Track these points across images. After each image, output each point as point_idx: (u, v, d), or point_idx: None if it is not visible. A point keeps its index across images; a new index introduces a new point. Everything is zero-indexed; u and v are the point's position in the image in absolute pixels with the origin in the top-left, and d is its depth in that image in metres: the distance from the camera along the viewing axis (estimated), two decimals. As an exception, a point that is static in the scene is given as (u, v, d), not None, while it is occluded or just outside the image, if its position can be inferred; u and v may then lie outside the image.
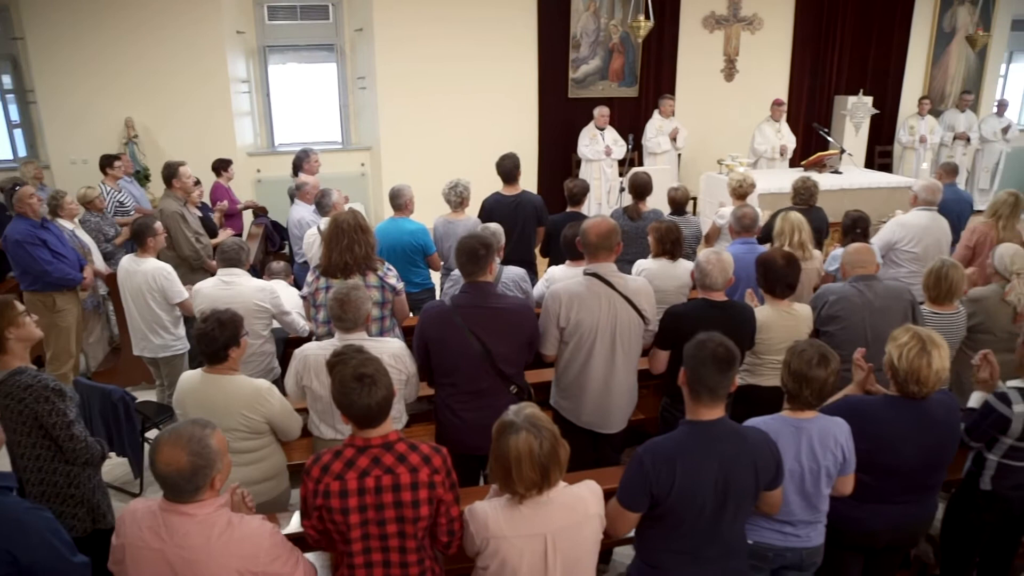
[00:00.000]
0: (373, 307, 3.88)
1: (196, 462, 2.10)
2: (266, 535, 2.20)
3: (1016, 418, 3.01)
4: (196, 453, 2.10)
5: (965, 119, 11.39)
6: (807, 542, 2.82)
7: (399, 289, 4.04)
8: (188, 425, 2.17)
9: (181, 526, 2.13)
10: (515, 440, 2.17)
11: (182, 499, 2.14)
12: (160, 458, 2.11)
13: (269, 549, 2.19)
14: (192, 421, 2.19)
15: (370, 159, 9.74)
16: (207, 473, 2.13)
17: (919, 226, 5.52)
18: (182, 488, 2.12)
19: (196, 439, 2.12)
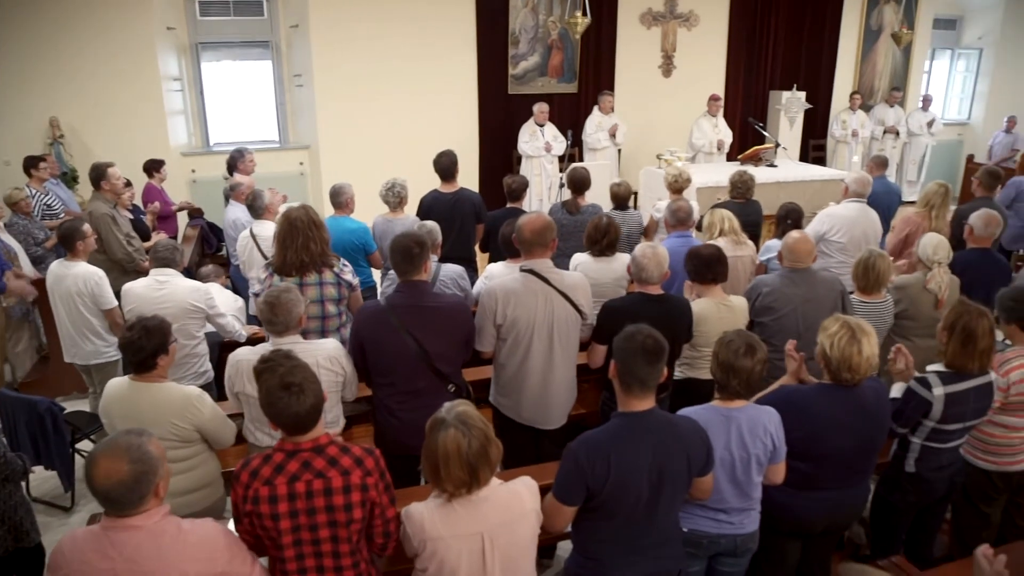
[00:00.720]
0: (329, 304, 3.86)
1: (138, 469, 2.01)
2: (220, 536, 2.15)
3: (937, 401, 3.11)
4: (137, 460, 2.01)
5: (894, 113, 11.77)
6: (741, 529, 2.87)
7: (355, 285, 3.99)
8: (123, 435, 2.08)
9: (130, 540, 2.04)
10: (444, 438, 2.16)
11: (126, 512, 2.04)
12: (98, 472, 2.01)
13: (225, 549, 2.13)
14: (126, 431, 2.10)
15: (309, 158, 9.59)
16: (150, 480, 2.04)
17: (848, 218, 5.67)
18: (126, 500, 2.03)
19: (135, 447, 2.03)
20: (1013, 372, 3.30)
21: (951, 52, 13.65)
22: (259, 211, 5.30)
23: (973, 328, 3.09)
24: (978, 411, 3.21)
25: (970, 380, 3.14)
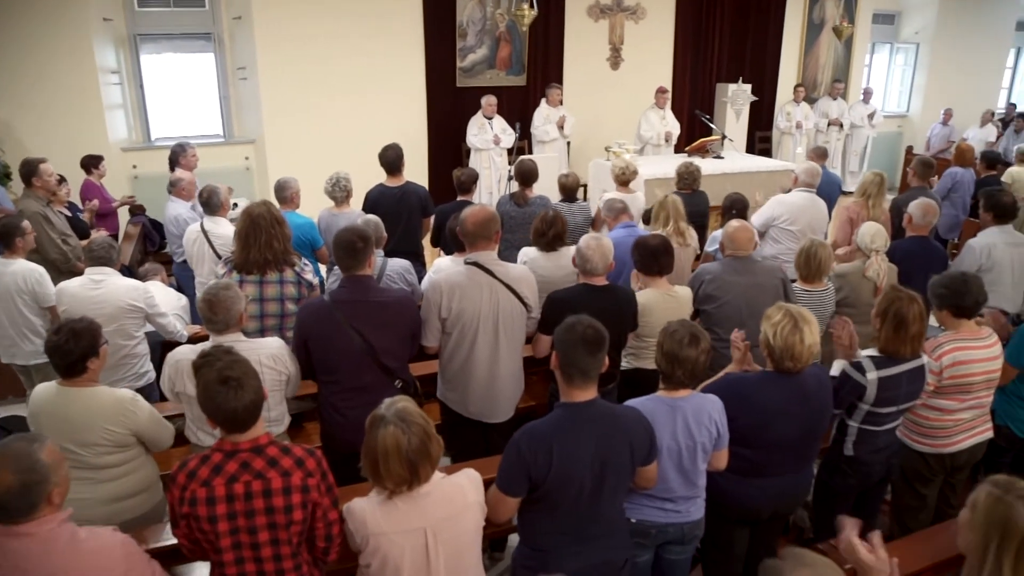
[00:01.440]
0: (289, 303, 3.81)
1: (25, 479, 1.96)
2: (118, 546, 2.10)
3: (870, 385, 3.17)
4: (24, 470, 1.96)
5: (837, 106, 12.05)
6: (687, 517, 2.90)
7: (315, 285, 3.94)
8: (13, 442, 2.02)
9: (19, 547, 1.99)
10: (383, 434, 2.14)
11: (16, 520, 1.99)
12: None
13: (123, 559, 2.08)
14: (18, 437, 2.04)
15: (254, 152, 9.41)
16: (42, 489, 1.99)
17: (797, 205, 5.80)
18: (14, 508, 1.98)
19: (23, 456, 1.98)
20: (945, 356, 3.39)
21: (890, 46, 14.02)
22: (214, 207, 5.18)
23: (905, 314, 3.15)
24: (910, 394, 3.28)
25: (902, 364, 3.20)
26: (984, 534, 1.81)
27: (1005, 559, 1.76)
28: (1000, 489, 1.83)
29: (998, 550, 1.78)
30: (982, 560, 1.80)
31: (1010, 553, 1.76)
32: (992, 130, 12.39)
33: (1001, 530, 1.78)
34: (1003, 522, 1.78)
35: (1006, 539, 1.77)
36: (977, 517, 1.84)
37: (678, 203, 4.81)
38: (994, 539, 1.79)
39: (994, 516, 1.80)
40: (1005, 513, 1.79)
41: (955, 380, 3.40)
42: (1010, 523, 1.77)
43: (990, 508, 1.82)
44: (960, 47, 13.56)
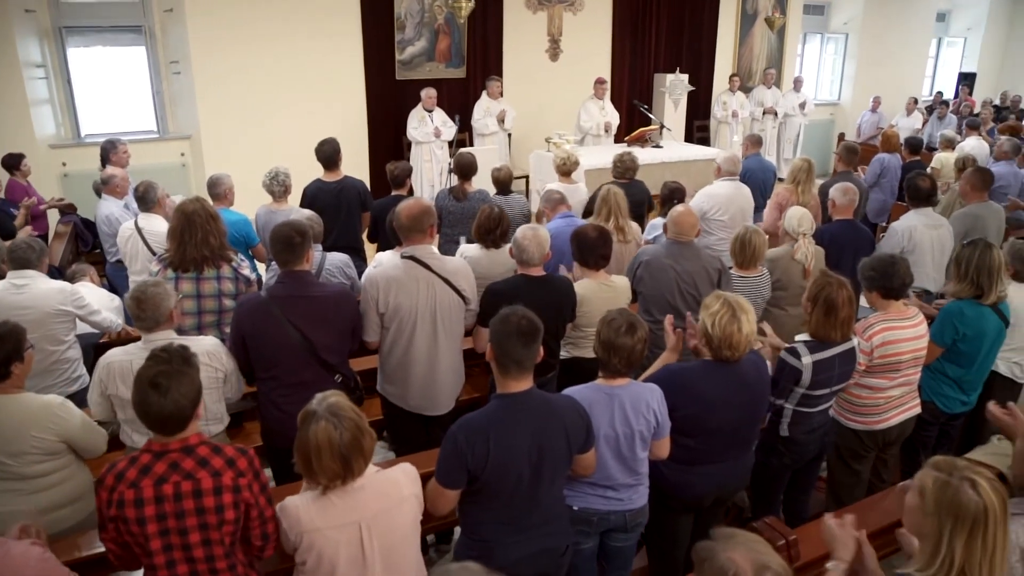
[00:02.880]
0: (227, 299, 3.76)
1: None
2: (32, 561, 2.04)
3: (806, 369, 3.24)
4: None
5: (771, 95, 12.33)
6: (630, 504, 2.92)
7: (252, 280, 3.91)
8: None
9: None
10: (314, 430, 2.13)
11: None
12: None
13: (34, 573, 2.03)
14: None
15: (190, 148, 9.18)
16: None
17: (724, 195, 5.92)
18: None
19: None
20: (875, 336, 3.48)
21: (821, 36, 14.40)
22: (150, 204, 5.04)
23: (834, 299, 3.23)
24: (843, 376, 3.38)
25: (834, 348, 3.29)
26: (937, 520, 1.84)
27: (957, 541, 1.81)
28: (944, 472, 1.86)
29: (952, 534, 1.82)
30: (937, 545, 1.84)
31: (962, 536, 1.81)
32: (918, 117, 12.84)
33: (953, 515, 1.82)
34: (954, 506, 1.82)
35: (959, 522, 1.82)
36: (928, 503, 1.87)
37: (620, 197, 4.83)
38: (947, 524, 1.83)
39: (944, 501, 1.84)
40: (954, 497, 1.82)
41: (885, 359, 3.50)
42: (961, 507, 1.81)
43: (939, 493, 1.85)
44: (886, 37, 14.02)
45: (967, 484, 1.83)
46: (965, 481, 1.83)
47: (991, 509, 1.80)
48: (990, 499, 1.81)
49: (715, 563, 1.63)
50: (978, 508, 1.81)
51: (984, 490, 1.82)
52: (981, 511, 1.81)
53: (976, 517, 1.81)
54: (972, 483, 1.83)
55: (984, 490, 1.82)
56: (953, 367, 3.87)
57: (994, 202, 5.87)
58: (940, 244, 5.14)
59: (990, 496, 1.81)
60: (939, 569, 1.83)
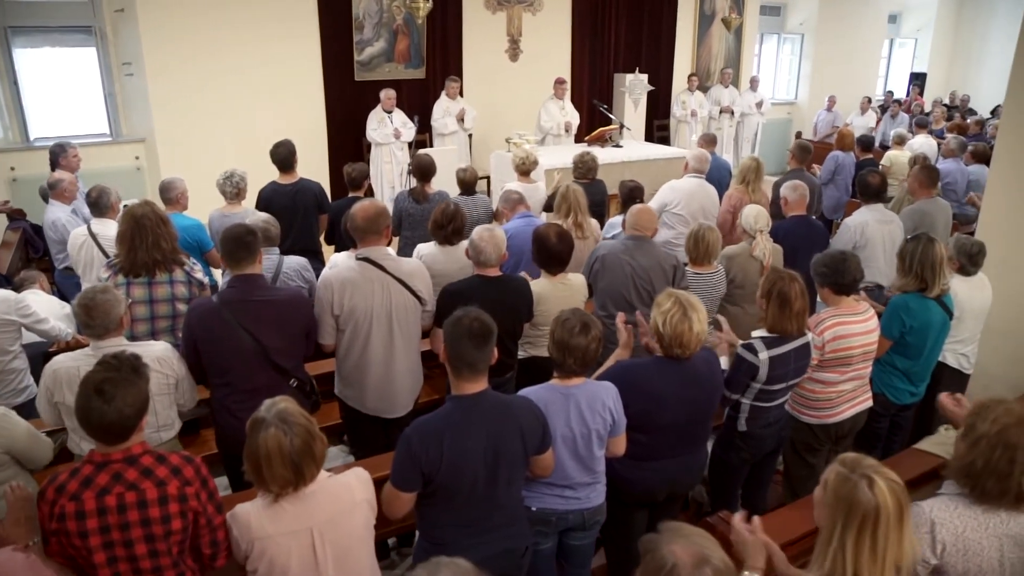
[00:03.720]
0: (180, 304, 3.71)
1: None
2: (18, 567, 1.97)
3: (763, 365, 3.28)
4: None
5: (729, 94, 12.48)
6: (588, 503, 2.93)
7: (206, 284, 3.87)
8: None
9: None
10: (264, 437, 2.10)
11: None
12: None
13: None
14: None
15: (145, 151, 9.00)
16: None
17: (687, 191, 5.98)
18: None
19: None
20: (827, 331, 3.54)
21: (778, 36, 14.62)
22: (104, 208, 4.93)
23: (787, 292, 3.27)
24: (798, 370, 3.43)
25: (790, 343, 3.33)
26: (832, 511, 1.88)
27: (848, 538, 1.83)
28: (847, 468, 1.89)
29: (843, 529, 1.85)
30: (830, 536, 1.87)
31: (852, 530, 1.83)
32: (872, 116, 13.09)
33: (846, 508, 1.85)
34: (848, 500, 1.85)
35: (850, 517, 1.84)
36: (827, 495, 1.90)
37: (579, 194, 4.85)
38: (840, 516, 1.86)
39: (840, 494, 1.87)
40: (850, 492, 1.85)
41: (836, 353, 3.56)
42: (854, 502, 1.84)
43: (837, 486, 1.89)
44: (840, 38, 14.29)
45: (864, 482, 1.85)
46: (864, 479, 1.85)
47: (883, 509, 1.82)
48: (884, 499, 1.83)
49: (657, 556, 1.64)
50: (869, 506, 1.83)
51: (880, 490, 1.83)
52: (872, 509, 1.83)
53: (866, 514, 1.83)
54: (870, 481, 1.85)
55: (880, 490, 1.83)
56: (901, 359, 3.95)
57: (941, 198, 6.02)
58: (891, 239, 5.25)
59: (884, 496, 1.83)
60: (832, 565, 1.85)
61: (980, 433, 2.18)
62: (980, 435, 2.18)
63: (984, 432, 2.17)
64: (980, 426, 2.19)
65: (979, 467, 2.17)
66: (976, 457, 2.17)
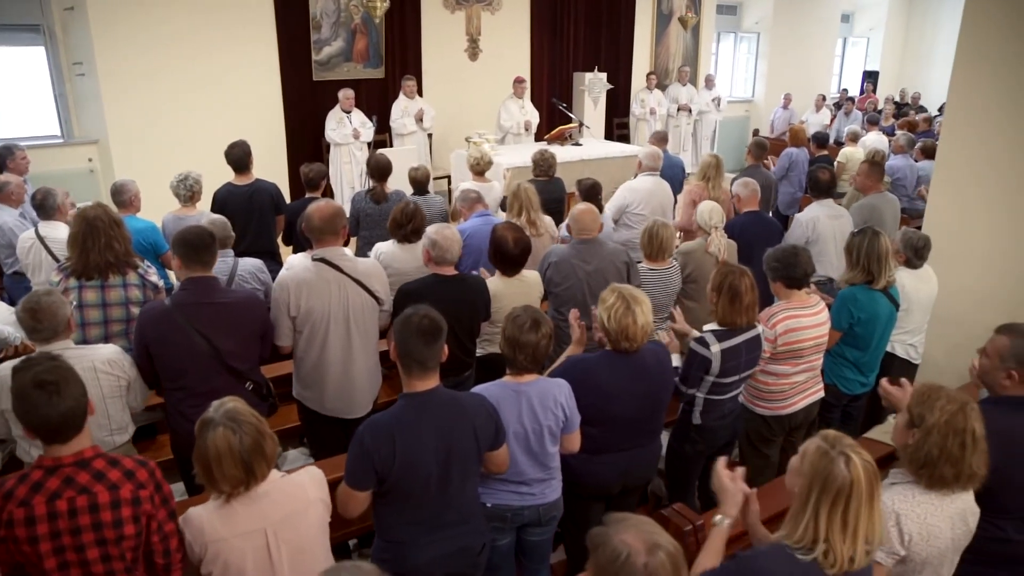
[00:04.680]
0: (134, 307, 3.65)
1: None
2: None
3: (715, 357, 3.34)
4: None
5: (686, 92, 12.62)
6: (543, 499, 2.95)
7: (160, 287, 3.82)
8: None
9: None
10: (213, 437, 2.09)
11: None
12: None
13: None
14: None
15: (98, 153, 8.83)
16: None
17: (645, 190, 6.04)
18: None
19: None
20: (779, 325, 3.61)
21: (734, 35, 14.82)
22: (50, 211, 4.83)
23: (737, 286, 3.34)
24: (750, 362, 3.49)
25: (741, 335, 3.39)
26: (808, 482, 1.95)
27: (822, 509, 1.91)
28: (827, 444, 1.97)
29: (817, 500, 1.92)
30: (804, 505, 1.95)
31: (826, 504, 1.91)
32: (827, 113, 13.36)
33: (822, 482, 1.92)
34: (824, 474, 1.92)
35: (825, 491, 1.92)
36: (804, 466, 1.98)
37: (531, 192, 4.89)
38: (815, 489, 1.93)
39: (817, 467, 1.94)
40: (827, 467, 1.92)
41: (788, 346, 3.63)
42: (830, 476, 1.91)
43: (815, 460, 1.96)
44: (795, 37, 14.55)
45: (842, 458, 1.93)
46: (841, 455, 1.93)
47: (856, 486, 1.90)
48: (858, 476, 1.90)
49: (608, 547, 1.67)
50: (844, 481, 1.91)
51: (855, 467, 1.91)
52: (847, 485, 1.90)
53: (840, 489, 1.90)
54: (847, 459, 1.93)
55: (855, 467, 1.91)
56: (851, 350, 4.05)
57: (890, 193, 6.17)
58: (842, 233, 5.34)
59: (859, 474, 1.91)
60: (803, 533, 1.94)
61: (931, 424, 2.26)
62: (931, 426, 2.26)
63: (935, 422, 2.26)
64: (930, 417, 2.27)
65: (935, 455, 2.25)
66: (931, 447, 2.26)
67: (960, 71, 4.58)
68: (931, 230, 4.67)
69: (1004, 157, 4.43)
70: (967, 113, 4.59)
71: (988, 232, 4.57)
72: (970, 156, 4.59)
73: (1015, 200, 4.42)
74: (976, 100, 4.51)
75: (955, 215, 4.72)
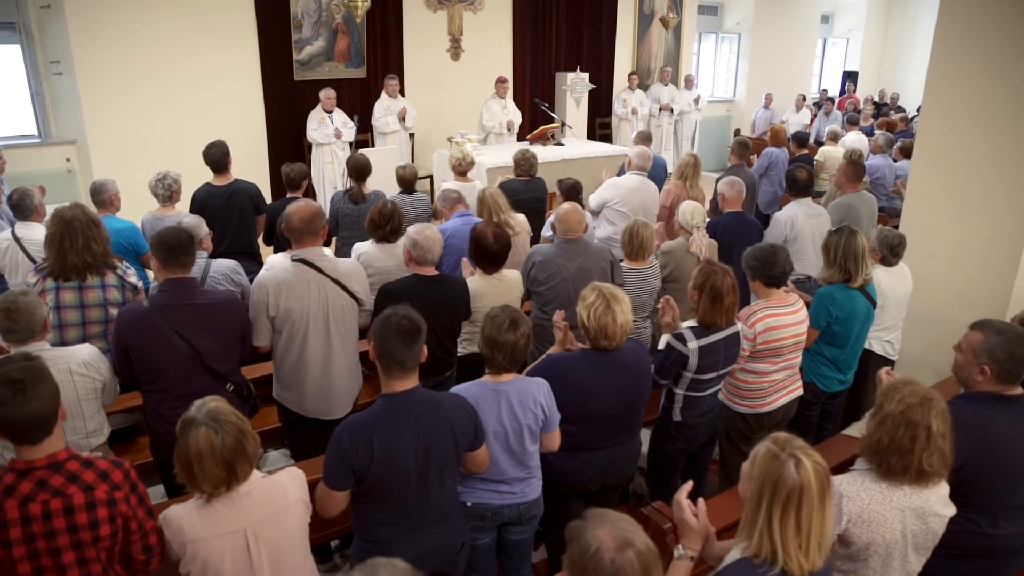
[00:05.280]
0: (112, 308, 3.62)
1: None
2: None
3: (692, 354, 3.36)
4: None
5: (668, 92, 12.67)
6: (523, 498, 2.96)
7: (140, 288, 3.78)
8: None
9: None
10: (195, 436, 2.09)
11: None
12: None
13: None
14: None
15: (77, 153, 8.74)
16: None
17: (629, 188, 6.06)
18: None
19: None
20: (758, 323, 3.64)
21: (716, 35, 14.91)
22: (27, 212, 4.78)
23: (719, 287, 3.35)
24: (728, 359, 3.51)
25: (719, 333, 3.41)
26: (759, 486, 1.91)
27: (774, 512, 1.87)
28: (777, 446, 1.93)
29: (769, 504, 1.88)
30: (756, 510, 1.91)
31: (778, 508, 1.87)
32: (807, 113, 13.47)
33: (772, 485, 1.88)
34: (774, 477, 1.88)
35: (776, 494, 1.87)
36: (754, 470, 1.94)
37: (497, 196, 4.89)
38: (766, 493, 1.89)
39: (767, 471, 1.90)
40: (778, 469, 1.88)
41: (768, 344, 3.66)
42: (780, 479, 1.87)
43: (765, 463, 1.91)
44: (776, 37, 14.67)
45: (792, 460, 1.88)
46: (792, 458, 1.88)
47: (806, 488, 1.85)
48: (808, 479, 1.86)
49: (582, 541, 1.68)
50: (794, 484, 1.86)
51: (805, 469, 1.86)
52: (796, 487, 1.85)
53: (791, 492, 1.86)
54: (797, 461, 1.88)
55: (805, 469, 1.86)
56: (829, 348, 4.09)
57: (868, 192, 6.24)
58: (820, 232, 5.39)
59: (809, 477, 1.86)
60: (759, 542, 1.89)
61: (886, 413, 2.28)
62: (886, 415, 2.28)
63: (890, 412, 2.27)
64: (887, 406, 2.29)
65: (884, 444, 2.27)
66: (882, 435, 2.27)
67: (935, 71, 4.64)
68: (907, 228, 4.73)
69: (978, 156, 4.49)
70: (942, 113, 4.65)
71: (963, 230, 4.63)
72: (945, 155, 4.66)
73: (989, 199, 4.48)
74: (951, 100, 4.57)
75: (930, 213, 4.78)
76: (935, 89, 4.66)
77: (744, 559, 1.93)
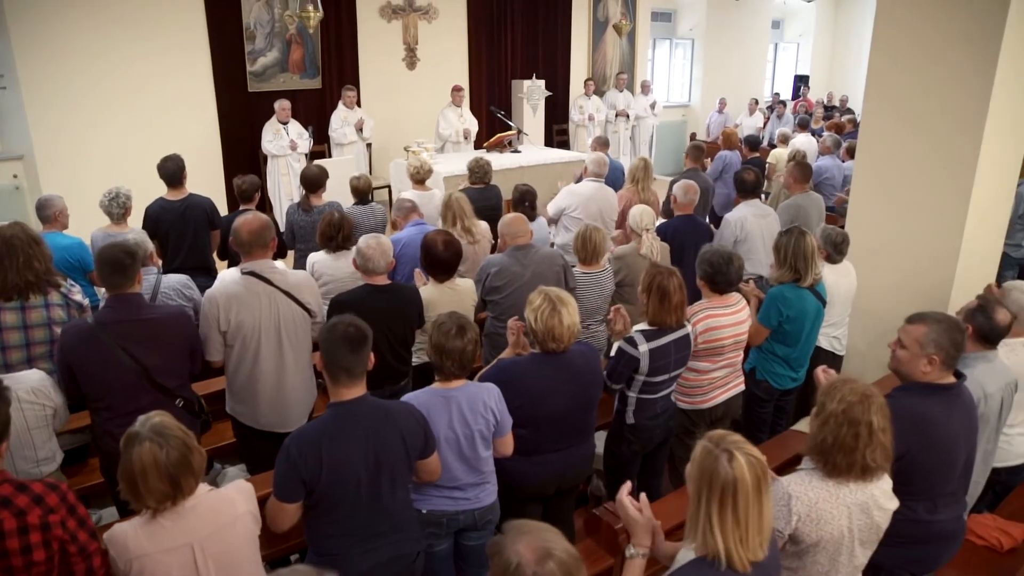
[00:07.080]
0: (57, 328, 3.54)
1: None
2: None
3: (643, 357, 3.40)
4: None
5: (624, 98, 12.81)
6: (478, 503, 2.97)
7: (86, 306, 3.71)
8: None
9: None
10: (138, 451, 2.06)
11: None
12: None
13: None
14: None
15: (24, 170, 8.55)
16: None
17: (586, 195, 6.11)
18: None
19: None
20: (699, 323, 3.71)
21: (670, 41, 15.11)
22: None
23: (666, 286, 3.41)
24: (679, 361, 3.56)
25: (669, 335, 3.46)
26: (696, 484, 1.93)
27: (712, 507, 1.89)
28: (712, 443, 1.95)
29: (707, 500, 1.90)
30: (697, 507, 1.93)
31: (715, 503, 1.89)
32: (760, 117, 13.72)
33: (708, 480, 1.90)
34: (708, 474, 1.90)
35: (712, 489, 1.89)
36: (692, 469, 1.96)
37: (463, 201, 4.93)
38: (704, 489, 1.91)
39: (703, 467, 1.92)
40: (711, 465, 1.90)
41: (708, 343, 3.74)
42: (714, 474, 1.89)
43: (701, 460, 1.94)
44: (728, 43, 14.92)
45: (725, 455, 1.90)
46: (725, 453, 1.90)
47: (741, 483, 1.87)
48: (742, 474, 1.88)
49: (502, 557, 1.67)
50: (727, 479, 1.88)
51: (739, 464, 1.88)
52: (730, 482, 1.88)
53: (724, 487, 1.88)
54: (730, 456, 1.90)
55: (739, 464, 1.88)
56: (781, 347, 4.17)
57: (815, 192, 6.38)
58: (769, 232, 5.51)
59: (743, 471, 1.88)
60: (703, 536, 1.92)
61: (828, 412, 2.33)
62: (828, 414, 2.33)
63: (832, 411, 2.32)
64: (828, 405, 2.34)
65: (829, 443, 2.31)
66: (826, 435, 2.32)
67: (873, 75, 4.76)
68: (852, 226, 4.85)
69: (916, 155, 4.62)
70: (881, 114, 4.77)
71: (904, 227, 4.75)
72: (885, 155, 4.78)
73: (927, 196, 4.61)
74: (889, 102, 4.70)
75: (873, 211, 4.90)
76: (874, 92, 4.79)
77: (698, 558, 1.95)
